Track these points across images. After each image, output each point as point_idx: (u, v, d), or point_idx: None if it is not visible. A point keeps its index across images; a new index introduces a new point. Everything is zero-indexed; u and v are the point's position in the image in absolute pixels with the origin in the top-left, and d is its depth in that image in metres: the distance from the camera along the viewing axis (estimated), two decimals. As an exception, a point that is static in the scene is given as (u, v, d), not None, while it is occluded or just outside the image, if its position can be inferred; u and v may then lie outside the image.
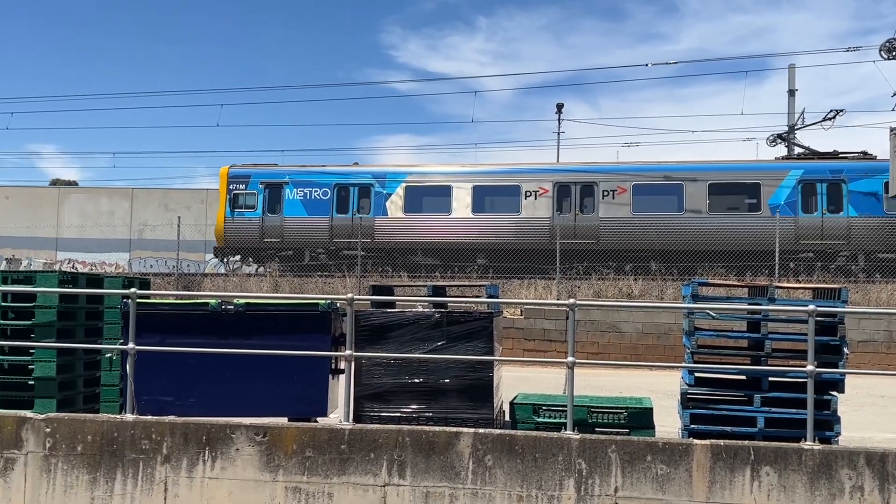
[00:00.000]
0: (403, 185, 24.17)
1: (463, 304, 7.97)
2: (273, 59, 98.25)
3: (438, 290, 8.43)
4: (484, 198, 23.76)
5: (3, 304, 7.67)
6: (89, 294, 8.16)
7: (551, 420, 7.07)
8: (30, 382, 7.62)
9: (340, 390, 7.38)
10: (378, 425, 6.82)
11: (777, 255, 20.16)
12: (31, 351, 7.64)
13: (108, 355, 8.35)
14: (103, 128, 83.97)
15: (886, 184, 21.05)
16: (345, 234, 24.13)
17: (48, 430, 6.93)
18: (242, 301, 7.44)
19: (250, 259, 25.51)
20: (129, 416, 6.97)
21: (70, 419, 7.01)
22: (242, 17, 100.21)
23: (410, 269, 23.21)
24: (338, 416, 7.24)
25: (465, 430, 6.63)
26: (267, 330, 7.30)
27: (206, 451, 6.74)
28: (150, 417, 6.95)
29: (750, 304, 7.42)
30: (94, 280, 8.68)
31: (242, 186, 24.95)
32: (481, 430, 6.62)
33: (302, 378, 7.26)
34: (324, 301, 7.40)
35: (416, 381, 7.21)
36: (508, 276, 21.02)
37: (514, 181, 23.63)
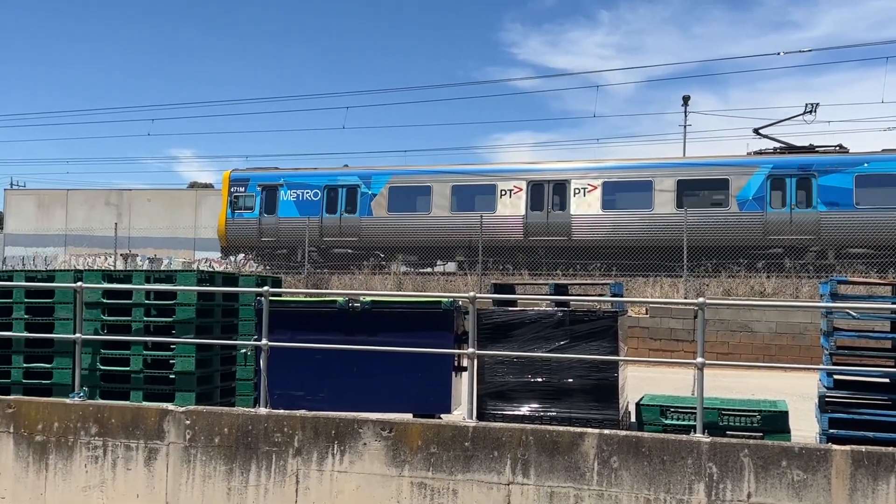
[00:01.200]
0: (387, 185, 24.71)
1: (586, 303, 7.87)
2: (396, 61, 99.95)
3: (561, 289, 8.36)
4: (462, 197, 24.08)
5: (146, 301, 8.10)
6: (226, 292, 8.51)
7: (679, 422, 6.89)
8: (171, 376, 7.99)
9: (462, 388, 7.43)
10: (501, 423, 6.83)
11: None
12: (172, 346, 8.03)
13: (243, 351, 8.69)
14: (236, 132, 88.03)
15: (857, 177, 20.61)
16: (334, 234, 24.95)
17: (188, 422, 7.27)
18: (368, 299, 7.61)
19: (256, 258, 26.56)
20: (262, 410, 7.23)
21: (208, 412, 7.33)
22: (366, 20, 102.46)
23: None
24: (461, 413, 7.29)
25: (589, 430, 6.55)
26: (392, 327, 7.43)
27: (335, 445, 6.91)
28: (282, 411, 7.18)
29: (894, 303, 7.02)
30: (230, 278, 9.05)
31: (242, 189, 26.06)
32: (606, 431, 6.53)
33: (426, 375, 7.36)
34: (447, 299, 7.47)
35: (539, 380, 7.17)
36: (633, 274, 20.72)
37: (491, 181, 23.86)
